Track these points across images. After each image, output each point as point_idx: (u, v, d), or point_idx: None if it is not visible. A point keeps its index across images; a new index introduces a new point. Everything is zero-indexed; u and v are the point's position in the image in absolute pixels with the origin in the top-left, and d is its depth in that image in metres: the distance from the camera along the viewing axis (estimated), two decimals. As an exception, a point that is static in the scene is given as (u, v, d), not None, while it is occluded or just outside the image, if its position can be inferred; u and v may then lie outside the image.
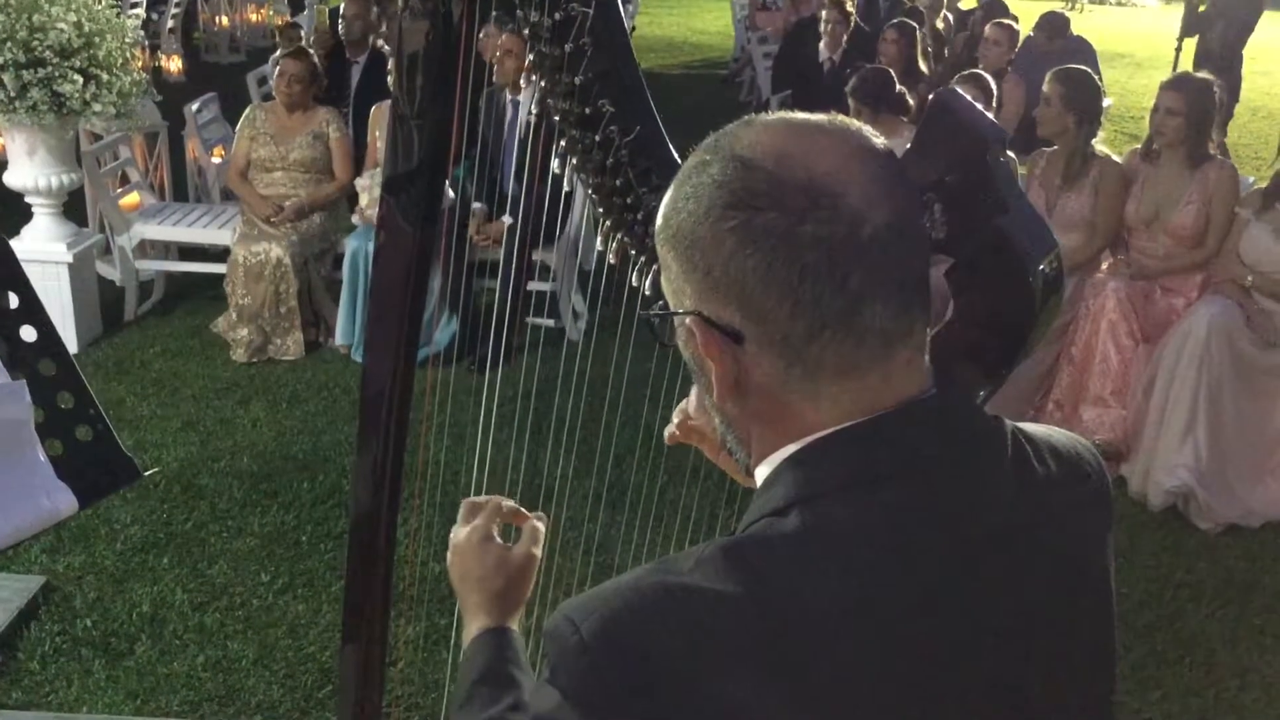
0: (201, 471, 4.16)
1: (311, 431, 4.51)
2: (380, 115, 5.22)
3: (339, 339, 5.21)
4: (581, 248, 5.38)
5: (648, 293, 1.32)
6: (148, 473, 2.06)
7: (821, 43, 7.62)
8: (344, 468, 4.14)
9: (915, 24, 7.14)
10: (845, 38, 7.54)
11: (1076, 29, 8.20)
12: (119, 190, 5.73)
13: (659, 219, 0.89)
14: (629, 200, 1.37)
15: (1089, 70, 4.78)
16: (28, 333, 1.75)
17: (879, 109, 5.06)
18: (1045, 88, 4.61)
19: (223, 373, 5.02)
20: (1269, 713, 3.19)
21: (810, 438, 0.86)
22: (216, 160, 6.33)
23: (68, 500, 1.73)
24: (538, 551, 1.28)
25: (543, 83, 1.41)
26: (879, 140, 0.87)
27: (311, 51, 5.85)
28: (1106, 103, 5.73)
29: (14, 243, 4.32)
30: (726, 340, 0.85)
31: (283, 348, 5.19)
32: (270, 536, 3.78)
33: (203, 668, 3.16)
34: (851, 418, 0.85)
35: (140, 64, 5.21)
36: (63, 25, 4.57)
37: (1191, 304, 4.33)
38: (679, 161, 1.09)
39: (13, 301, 1.75)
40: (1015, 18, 7.65)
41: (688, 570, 0.81)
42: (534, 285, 5.08)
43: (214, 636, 3.29)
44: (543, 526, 1.31)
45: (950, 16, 9.55)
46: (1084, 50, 7.55)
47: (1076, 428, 4.24)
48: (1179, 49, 10.66)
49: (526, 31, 1.41)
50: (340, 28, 6.65)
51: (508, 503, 1.32)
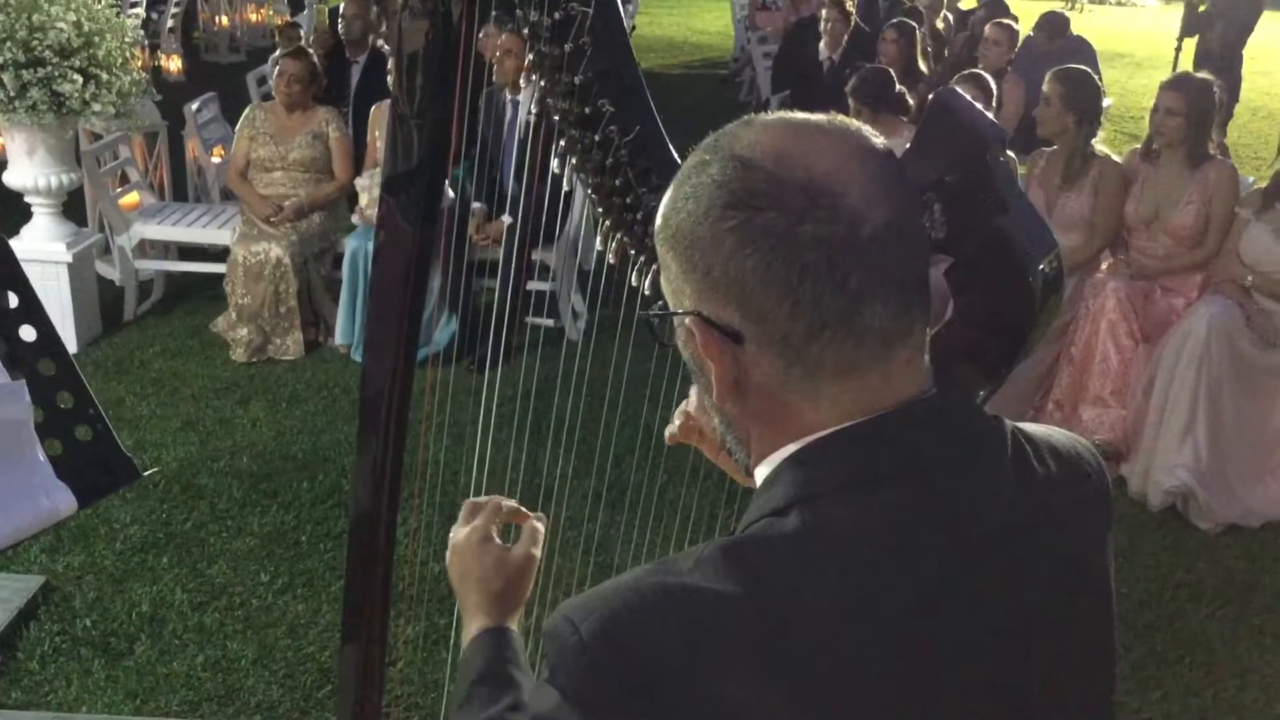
0: (201, 471, 4.16)
1: (311, 431, 4.51)
2: (380, 115, 5.22)
3: (338, 339, 5.21)
4: (581, 247, 5.37)
5: (647, 292, 1.32)
6: (147, 472, 2.06)
7: (821, 42, 7.62)
8: (344, 467, 4.14)
9: (914, 24, 7.13)
10: (845, 37, 7.53)
11: (1076, 29, 8.20)
12: (118, 190, 5.73)
13: (658, 219, 0.89)
14: (628, 200, 1.37)
15: (1089, 70, 4.78)
16: (27, 332, 1.75)
17: (879, 109, 5.06)
18: (1045, 88, 4.61)
19: (222, 372, 5.02)
20: (1268, 712, 3.19)
21: (810, 438, 0.86)
22: (216, 160, 6.33)
23: (67, 500, 1.72)
24: (537, 552, 1.28)
25: (542, 82, 1.41)
26: (878, 140, 0.87)
27: (311, 51, 5.85)
28: (1106, 103, 5.73)
29: (13, 242, 4.32)
30: (726, 340, 0.85)
31: (282, 347, 5.19)
32: (270, 536, 3.78)
33: (202, 667, 3.16)
34: (851, 418, 0.85)
35: (140, 64, 5.20)
36: (62, 25, 4.57)
37: (1191, 304, 4.32)
38: (679, 161, 1.09)
39: (12, 301, 1.75)
40: (1015, 18, 7.65)
41: (687, 570, 0.81)
42: (533, 285, 5.08)
43: (213, 636, 3.29)
44: (542, 527, 1.31)
45: (950, 16, 9.55)
46: (1084, 50, 7.56)
47: (1076, 428, 4.24)
48: (1179, 49, 10.67)
49: (526, 31, 1.41)
50: (340, 27, 6.65)
51: (508, 502, 1.32)
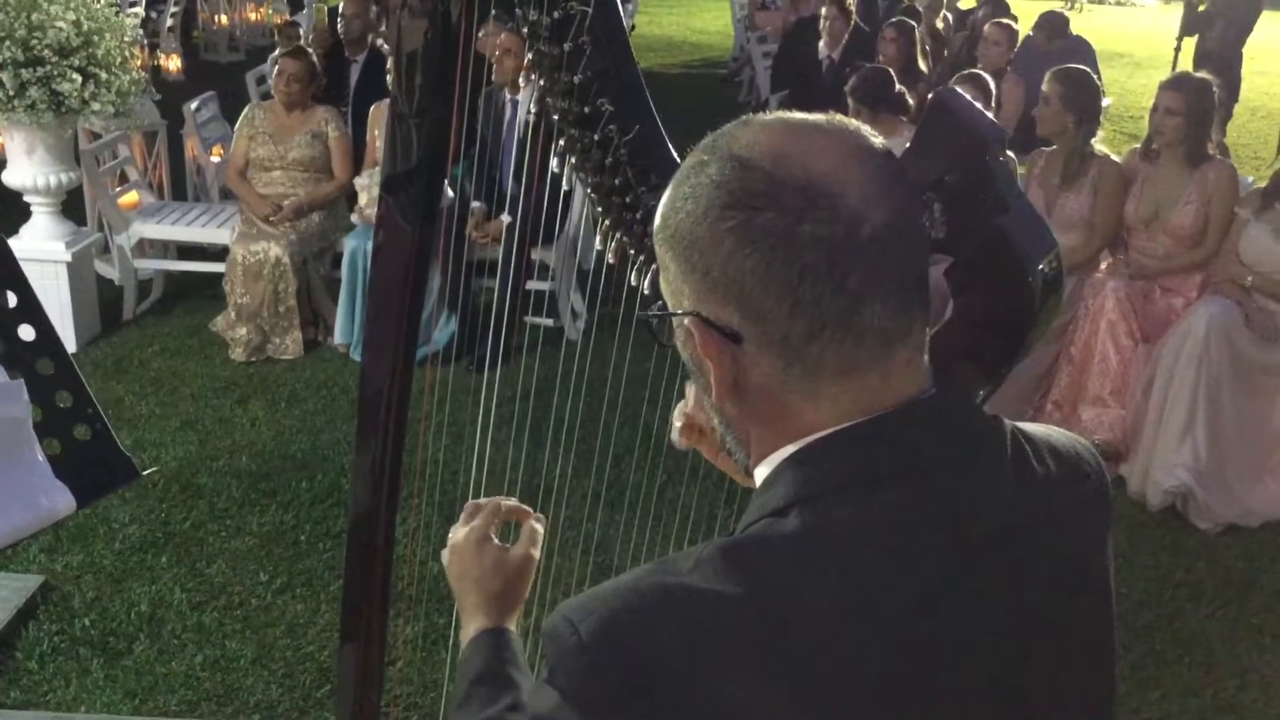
0: (200, 471, 4.16)
1: (310, 430, 4.51)
2: (379, 114, 5.22)
3: (338, 338, 5.21)
4: (580, 247, 5.37)
5: (646, 292, 1.32)
6: (146, 472, 2.06)
7: (821, 41, 7.62)
8: (343, 467, 4.13)
9: (914, 23, 7.12)
10: (845, 36, 7.52)
11: (1076, 29, 8.20)
12: (118, 189, 5.73)
13: (657, 219, 0.88)
14: (628, 199, 1.37)
15: (1088, 70, 4.77)
16: (26, 331, 1.75)
17: (878, 109, 5.05)
18: (1044, 87, 4.61)
19: (221, 372, 5.02)
20: (1268, 712, 3.19)
21: (810, 438, 0.86)
22: (215, 159, 6.33)
23: (66, 499, 1.72)
24: (535, 553, 1.28)
25: (542, 81, 1.41)
26: (877, 140, 0.87)
27: (310, 50, 5.85)
28: (1105, 102, 5.73)
29: (12, 241, 4.33)
30: (725, 341, 0.85)
31: (281, 347, 5.19)
32: (269, 536, 3.78)
33: (201, 667, 3.16)
34: (851, 418, 0.85)
35: (139, 63, 5.20)
36: (61, 24, 4.57)
37: (1191, 304, 4.32)
38: (678, 161, 1.09)
39: (11, 300, 1.75)
40: (1015, 17, 7.65)
41: (687, 571, 0.81)
42: (533, 284, 5.08)
43: (212, 636, 3.28)
44: (541, 528, 1.31)
45: (949, 16, 9.55)
46: (1083, 50, 7.56)
47: (1075, 427, 4.24)
48: (1178, 49, 10.68)
49: (525, 30, 1.41)
50: (339, 26, 6.65)
51: (509, 501, 1.32)
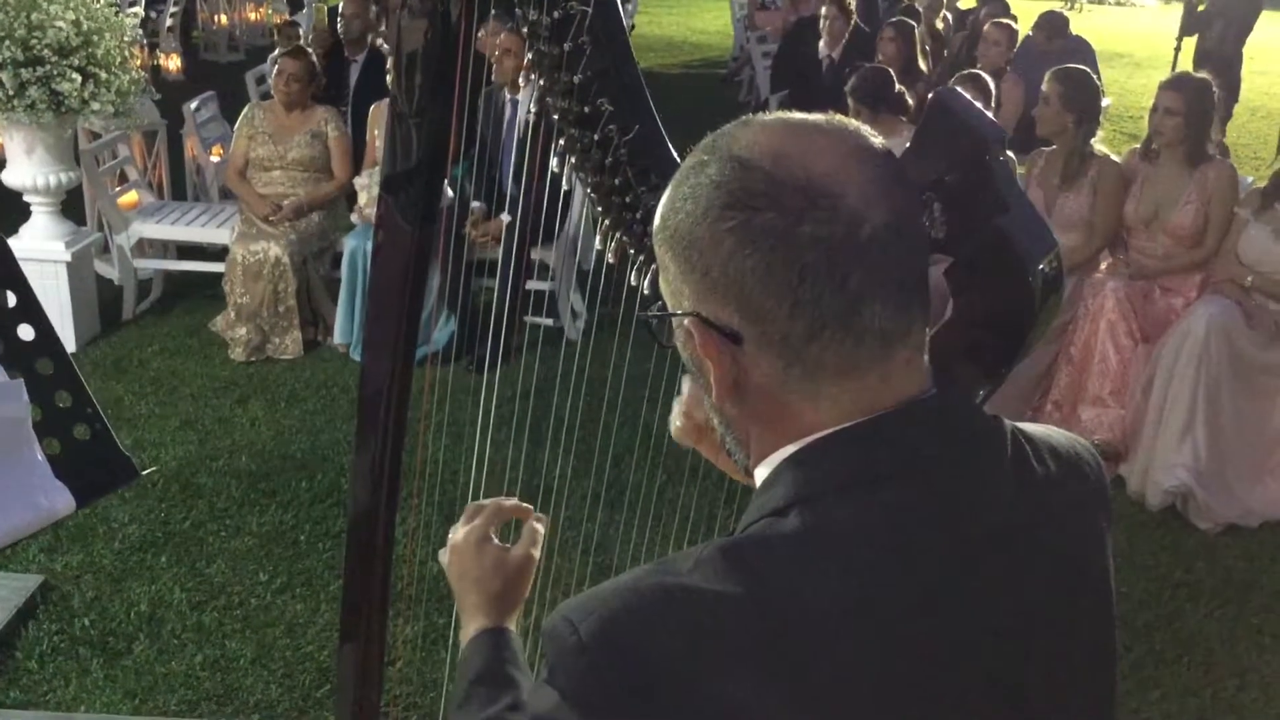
0: (200, 470, 4.16)
1: (310, 430, 4.51)
2: (379, 114, 5.22)
3: (337, 338, 5.21)
4: (580, 247, 5.37)
5: (646, 292, 1.32)
6: (146, 472, 2.06)
7: (821, 41, 7.61)
8: (342, 466, 4.13)
9: (913, 22, 7.11)
10: (845, 35, 7.52)
11: (1075, 29, 8.20)
12: (117, 189, 5.73)
13: (657, 219, 0.88)
14: (628, 199, 1.37)
15: (1088, 70, 4.78)
16: (25, 331, 1.75)
17: (878, 109, 5.05)
18: (1044, 87, 4.61)
19: (221, 372, 5.02)
20: (1267, 712, 3.19)
21: (810, 438, 0.85)
22: (215, 159, 6.33)
23: (65, 499, 1.72)
24: (536, 553, 1.28)
25: (541, 81, 1.41)
26: (877, 140, 0.87)
27: (310, 50, 5.85)
28: (1105, 102, 5.74)
29: (12, 241, 4.32)
30: (725, 341, 0.84)
31: (281, 347, 5.19)
32: (268, 535, 3.78)
33: (201, 667, 3.16)
34: (851, 418, 0.85)
35: (139, 62, 5.20)
36: (61, 23, 4.57)
37: (1190, 304, 4.32)
38: (678, 161, 1.09)
39: (10, 300, 1.75)
40: (1015, 17, 7.65)
41: (687, 571, 0.81)
42: (533, 284, 5.07)
43: (212, 636, 3.28)
44: (542, 528, 1.30)
45: (949, 16, 9.55)
46: (1083, 50, 7.56)
47: (1075, 428, 4.24)
48: (1178, 49, 10.69)
49: (525, 30, 1.41)
50: (339, 26, 6.65)
51: (511, 501, 1.32)
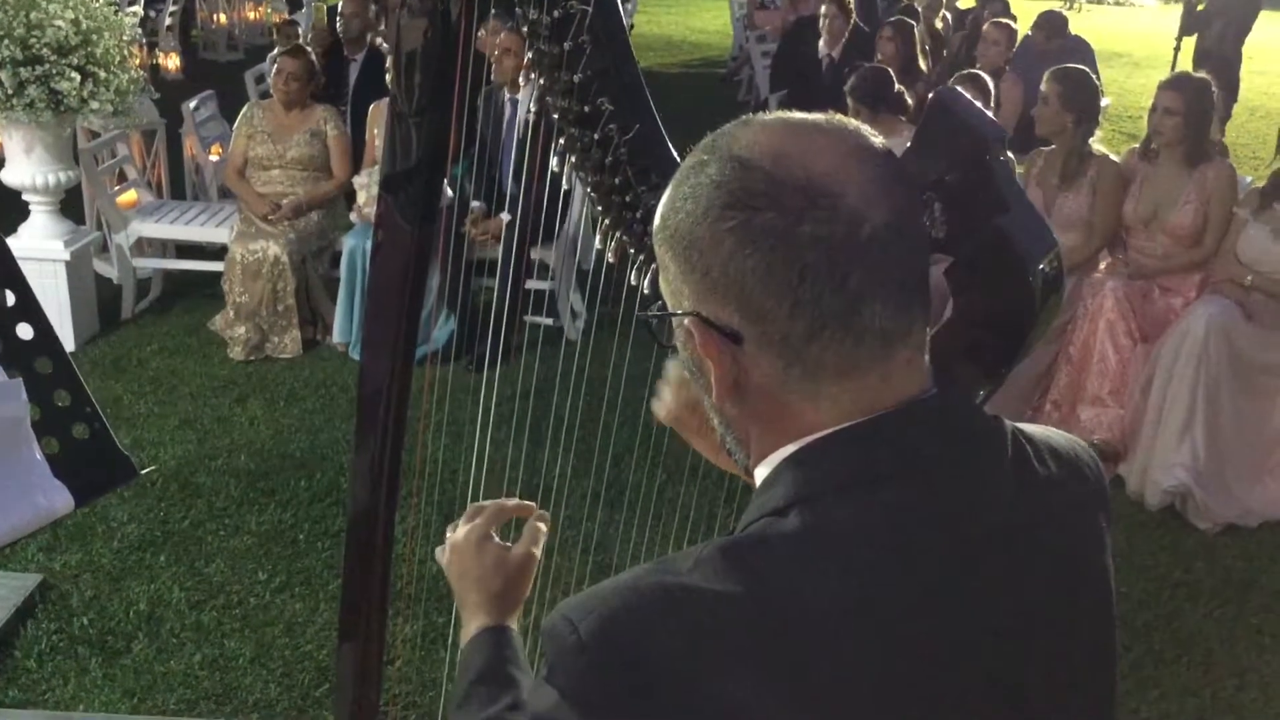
0: (199, 470, 4.16)
1: (309, 429, 4.51)
2: (378, 113, 5.22)
3: (336, 337, 5.21)
4: (580, 246, 5.37)
5: (646, 291, 1.32)
6: (145, 471, 2.06)
7: (820, 40, 7.61)
8: (342, 466, 4.13)
9: (913, 22, 7.10)
10: (844, 35, 7.51)
11: (1075, 28, 8.21)
12: (116, 188, 5.73)
13: (657, 219, 0.88)
14: (628, 198, 1.37)
15: (1087, 69, 4.78)
16: (24, 330, 1.75)
17: (877, 108, 5.05)
18: (1043, 87, 4.61)
19: (220, 371, 5.02)
20: (1267, 712, 3.19)
21: (810, 438, 0.85)
22: (214, 158, 6.33)
23: (64, 498, 1.72)
24: (537, 551, 1.27)
25: (541, 80, 1.41)
26: (877, 139, 0.87)
27: (309, 49, 5.84)
28: (1104, 102, 5.73)
29: (11, 240, 4.32)
30: (725, 341, 0.84)
31: (280, 346, 5.19)
32: (267, 535, 3.78)
33: (200, 666, 3.16)
34: (851, 418, 0.85)
35: (138, 61, 5.20)
36: (60, 23, 4.56)
37: (1190, 303, 4.32)
38: (678, 160, 1.09)
39: (9, 299, 1.75)
40: (1014, 17, 7.65)
41: (687, 570, 0.80)
42: (532, 284, 5.07)
43: (211, 635, 3.28)
44: (544, 527, 1.30)
45: (949, 15, 9.56)
46: (1082, 50, 7.56)
47: (1074, 427, 4.24)
48: (1177, 48, 10.69)
49: (525, 29, 1.41)
50: (338, 25, 6.65)
51: (513, 501, 1.32)
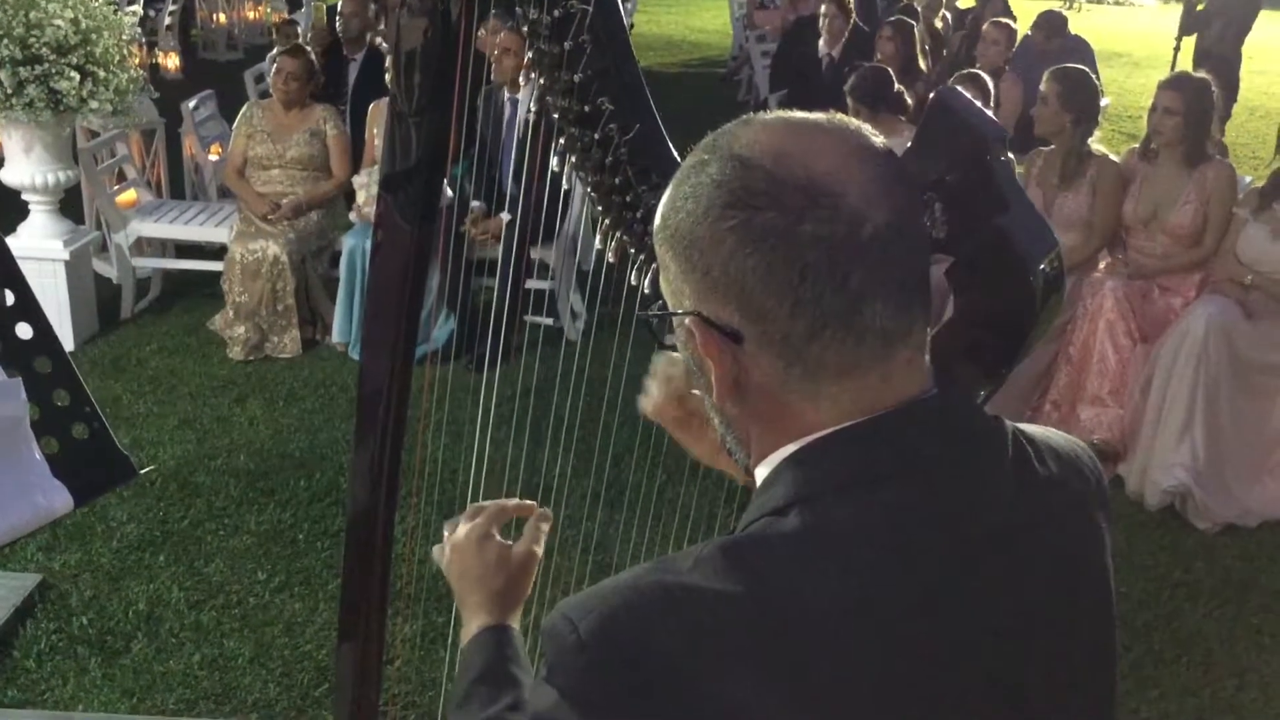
0: (198, 469, 4.15)
1: (308, 429, 4.50)
2: (378, 113, 5.21)
3: (336, 337, 5.21)
4: (580, 246, 5.37)
5: (646, 291, 1.32)
6: (144, 470, 2.06)
7: (820, 39, 7.61)
8: (341, 465, 4.13)
9: (912, 22, 7.10)
10: (844, 34, 7.51)
11: (1074, 28, 8.21)
12: (116, 187, 5.72)
13: (657, 218, 0.88)
14: (628, 198, 1.37)
15: (1086, 69, 4.78)
16: (23, 330, 1.75)
17: (877, 108, 5.05)
18: (1042, 87, 4.61)
19: (219, 370, 5.01)
20: (1266, 712, 3.19)
21: (810, 437, 0.85)
22: (214, 158, 6.32)
23: (63, 498, 1.72)
24: (538, 549, 1.27)
25: (542, 80, 1.41)
26: (879, 139, 0.87)
27: (309, 49, 5.84)
28: (1104, 102, 5.74)
29: (10, 240, 4.32)
30: (726, 340, 0.84)
31: (280, 345, 5.19)
32: (267, 534, 3.77)
33: (199, 666, 3.16)
34: (851, 417, 0.85)
35: (137, 61, 5.20)
36: (59, 22, 4.56)
37: (1189, 303, 4.32)
38: (678, 160, 1.09)
39: (8, 298, 1.75)
40: (1014, 16, 7.65)
41: (687, 569, 0.80)
42: (532, 283, 5.07)
43: (210, 634, 3.28)
44: (545, 526, 1.30)
45: (948, 15, 9.56)
46: (1082, 49, 7.56)
47: (1074, 427, 4.24)
48: (1177, 48, 10.69)
49: (525, 29, 1.41)
50: (338, 25, 6.65)
51: (514, 501, 1.32)
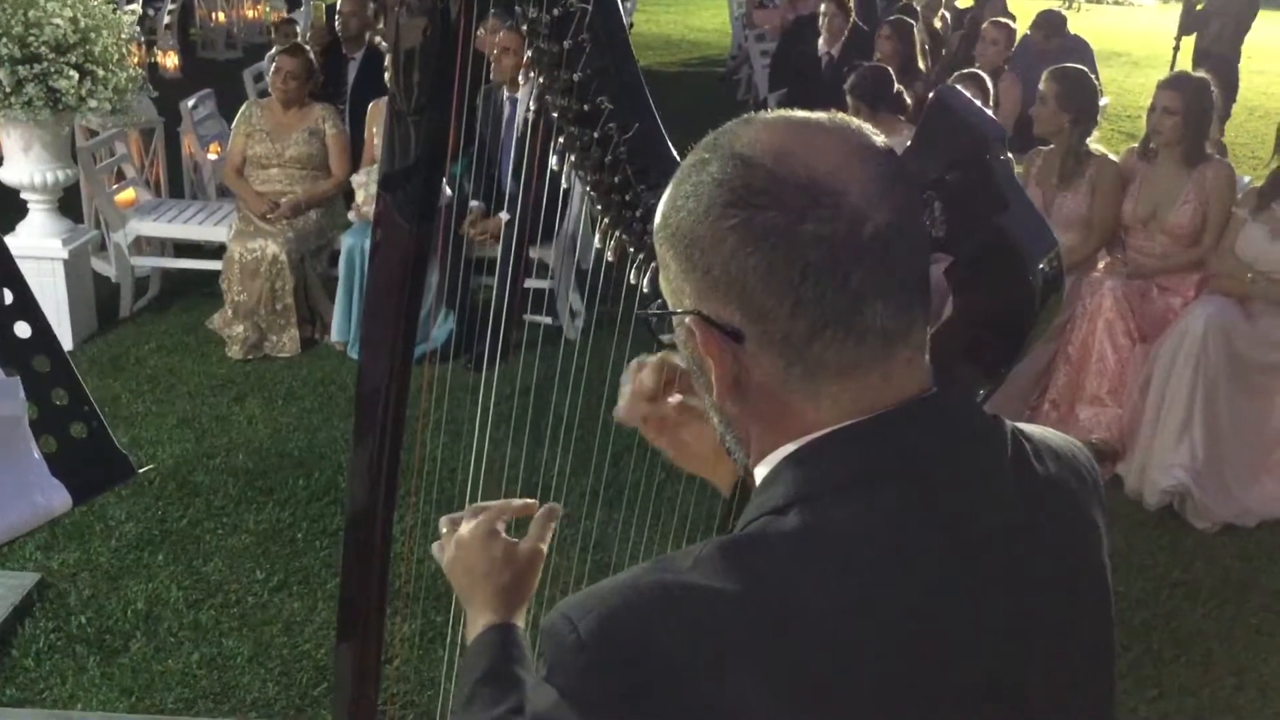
0: (197, 468, 4.15)
1: (307, 428, 4.50)
2: (377, 112, 5.21)
3: (335, 336, 5.20)
4: (579, 245, 5.37)
5: (646, 290, 1.31)
6: (142, 470, 2.06)
7: (820, 39, 7.61)
8: (340, 464, 4.13)
9: (911, 21, 7.09)
10: (844, 33, 7.51)
11: (1074, 28, 8.22)
12: (115, 186, 5.72)
13: (658, 217, 0.88)
14: (627, 197, 1.37)
15: (1085, 69, 4.78)
16: (22, 329, 1.75)
17: (877, 107, 5.05)
18: (1041, 86, 4.61)
19: (218, 369, 5.01)
20: (1265, 711, 3.19)
21: (810, 437, 0.85)
22: (212, 157, 6.32)
23: (62, 497, 1.72)
24: (544, 546, 1.27)
25: (541, 79, 1.41)
26: (879, 138, 0.87)
27: (308, 48, 5.83)
28: (1103, 102, 5.74)
29: (9, 239, 4.32)
30: (726, 339, 0.84)
31: (278, 344, 5.19)
32: (265, 534, 3.77)
33: (197, 665, 3.15)
34: (851, 417, 0.84)
35: (136, 60, 5.20)
36: (58, 21, 4.56)
37: (1188, 303, 4.32)
38: (677, 159, 1.08)
39: (7, 297, 1.74)
40: (1013, 16, 7.66)
41: (686, 569, 0.80)
42: (531, 283, 5.07)
43: (209, 634, 3.28)
44: (553, 522, 1.30)
45: (948, 15, 9.56)
46: (1081, 49, 7.57)
47: (1073, 427, 4.24)
48: (1176, 48, 10.70)
49: (525, 28, 1.40)
50: (337, 24, 6.64)
51: (519, 501, 1.31)
